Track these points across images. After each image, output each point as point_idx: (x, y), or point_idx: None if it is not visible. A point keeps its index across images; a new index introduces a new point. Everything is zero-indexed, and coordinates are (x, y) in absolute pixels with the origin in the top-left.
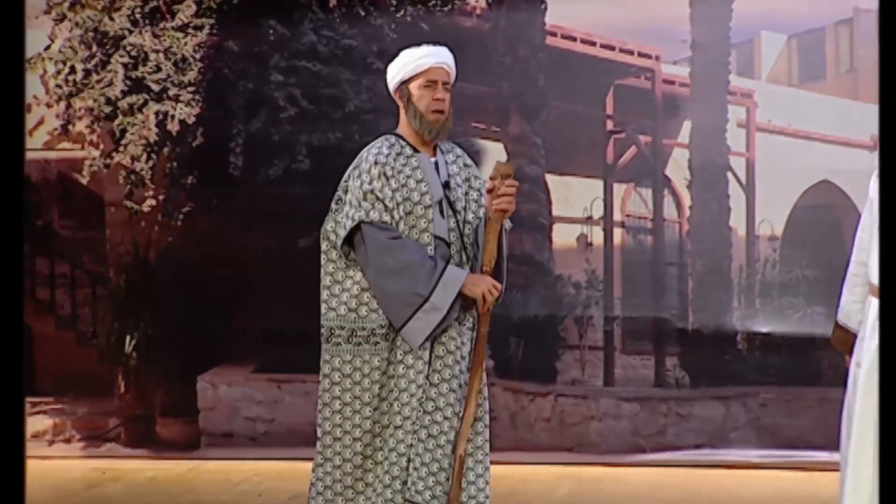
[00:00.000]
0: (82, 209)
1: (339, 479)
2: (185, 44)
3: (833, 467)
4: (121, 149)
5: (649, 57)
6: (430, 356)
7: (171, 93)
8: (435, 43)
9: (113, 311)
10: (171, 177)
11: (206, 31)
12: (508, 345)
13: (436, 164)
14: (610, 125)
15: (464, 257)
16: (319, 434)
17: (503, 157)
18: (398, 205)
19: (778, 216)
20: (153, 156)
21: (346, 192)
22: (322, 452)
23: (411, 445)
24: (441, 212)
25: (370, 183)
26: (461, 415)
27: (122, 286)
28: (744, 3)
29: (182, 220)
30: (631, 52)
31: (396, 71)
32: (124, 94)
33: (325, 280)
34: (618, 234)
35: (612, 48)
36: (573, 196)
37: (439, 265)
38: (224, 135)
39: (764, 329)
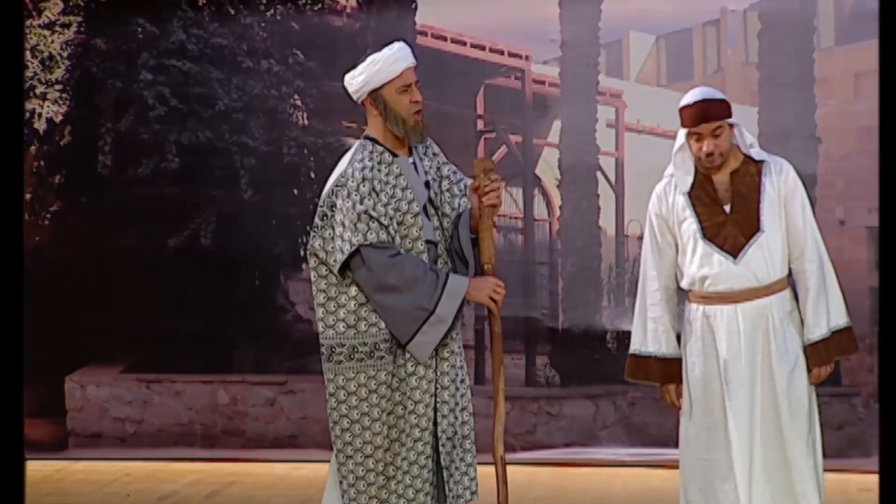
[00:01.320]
0: None
1: (360, 493)
2: (52, 42)
3: None
4: None
5: (519, 57)
6: (436, 360)
7: (38, 91)
8: (398, 40)
9: None
10: (39, 176)
11: (73, 28)
12: None
13: (414, 165)
14: (480, 125)
15: (444, 255)
16: (335, 452)
17: None
18: (391, 219)
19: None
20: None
21: (331, 208)
22: (341, 471)
23: (430, 456)
24: (427, 214)
25: (362, 203)
26: (464, 414)
27: None
28: (612, 4)
29: (50, 220)
30: (501, 52)
31: (366, 79)
32: None
33: (319, 297)
34: None
35: (482, 48)
36: None
37: (441, 276)
38: (92, 133)
39: None
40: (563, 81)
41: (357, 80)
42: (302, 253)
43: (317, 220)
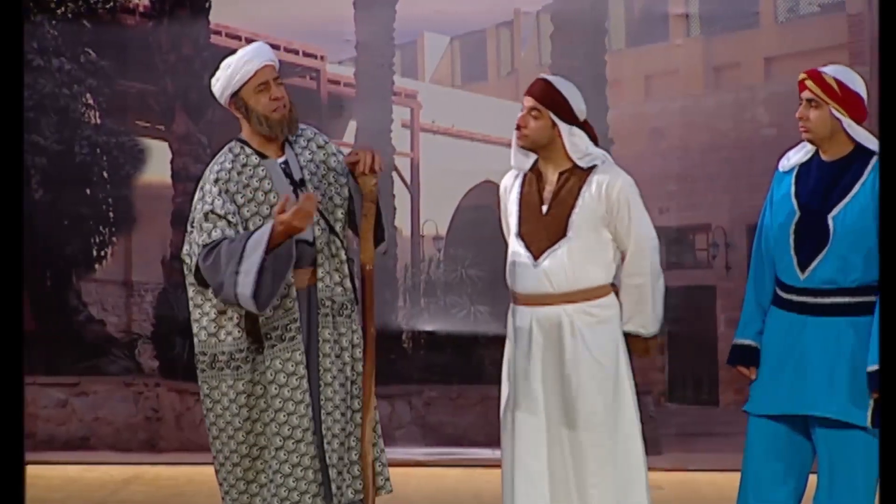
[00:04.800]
0: None
1: (234, 501)
2: None
3: (495, 464)
4: None
5: (314, 57)
6: (317, 357)
7: None
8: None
9: None
10: None
11: None
12: (174, 345)
13: (285, 163)
14: None
15: (338, 243)
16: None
17: (168, 156)
18: (246, 220)
19: (442, 216)
20: None
21: (193, 216)
22: (217, 477)
23: (298, 464)
24: None
25: (211, 203)
26: (354, 408)
27: None
28: (407, 5)
29: None
30: (296, 52)
31: (225, 84)
32: None
33: (189, 305)
34: None
35: (277, 48)
36: None
37: (243, 234)
38: None
39: (429, 328)
40: (358, 82)
41: (217, 87)
42: (95, 253)
43: (188, 226)
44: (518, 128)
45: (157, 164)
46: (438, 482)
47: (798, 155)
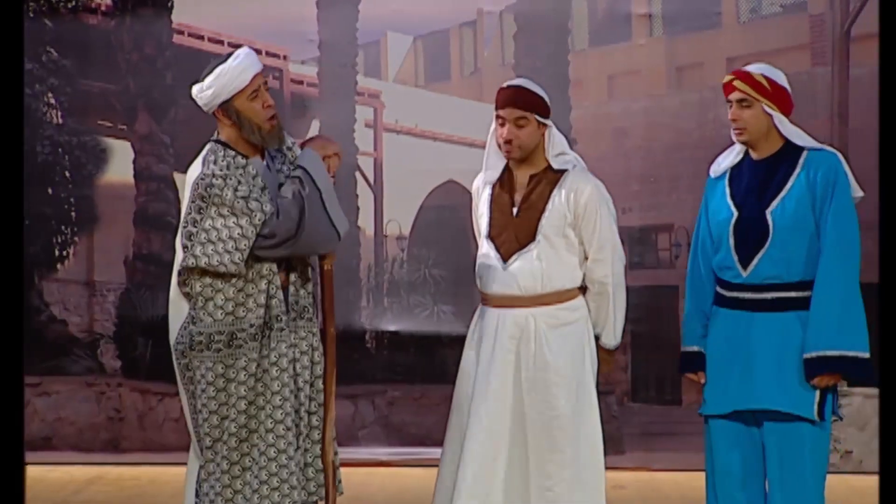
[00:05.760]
0: None
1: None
2: None
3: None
4: None
5: (277, 56)
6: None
7: None
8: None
9: None
10: None
11: None
12: (136, 345)
13: (267, 166)
14: None
15: None
16: (199, 444)
17: (130, 155)
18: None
19: (405, 216)
20: None
21: (198, 211)
22: (204, 459)
23: (284, 451)
24: None
25: (235, 191)
26: (311, 410)
27: None
28: (370, 4)
29: None
30: (259, 52)
31: (216, 92)
32: None
33: (196, 294)
34: None
35: (239, 47)
36: None
37: (297, 174)
38: None
39: (392, 328)
40: (321, 81)
41: (206, 94)
42: (57, 253)
43: (185, 239)
44: (508, 142)
45: (120, 164)
46: (402, 482)
47: (728, 159)
